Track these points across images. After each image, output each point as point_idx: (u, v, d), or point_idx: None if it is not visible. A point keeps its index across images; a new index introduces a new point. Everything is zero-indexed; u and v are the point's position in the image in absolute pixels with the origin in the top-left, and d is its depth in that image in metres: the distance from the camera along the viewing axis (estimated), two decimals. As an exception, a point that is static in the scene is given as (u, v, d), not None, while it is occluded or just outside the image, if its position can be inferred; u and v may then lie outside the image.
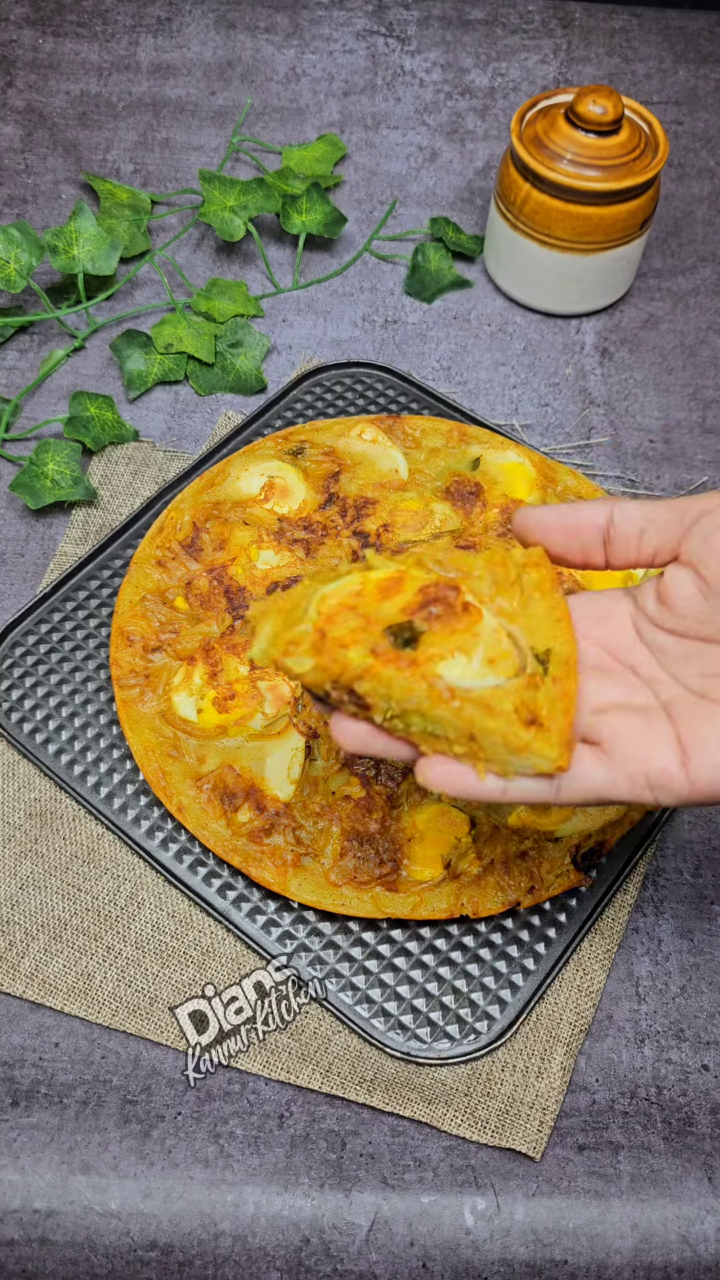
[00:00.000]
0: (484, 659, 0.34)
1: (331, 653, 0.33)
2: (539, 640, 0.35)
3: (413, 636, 0.34)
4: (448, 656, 0.33)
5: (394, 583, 0.35)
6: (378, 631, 0.34)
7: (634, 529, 0.36)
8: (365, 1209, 0.44)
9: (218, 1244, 0.43)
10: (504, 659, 0.34)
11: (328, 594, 0.35)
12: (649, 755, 0.33)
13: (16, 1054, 0.46)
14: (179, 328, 0.69)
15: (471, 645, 0.34)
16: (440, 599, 0.34)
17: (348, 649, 0.33)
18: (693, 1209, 0.44)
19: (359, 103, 0.83)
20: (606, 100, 0.64)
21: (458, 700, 0.33)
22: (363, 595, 0.35)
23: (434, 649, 0.33)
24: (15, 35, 0.83)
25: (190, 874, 0.50)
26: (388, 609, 0.34)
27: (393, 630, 0.34)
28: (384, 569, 0.36)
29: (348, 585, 0.35)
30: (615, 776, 0.34)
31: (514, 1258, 0.43)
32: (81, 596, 0.58)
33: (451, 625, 0.34)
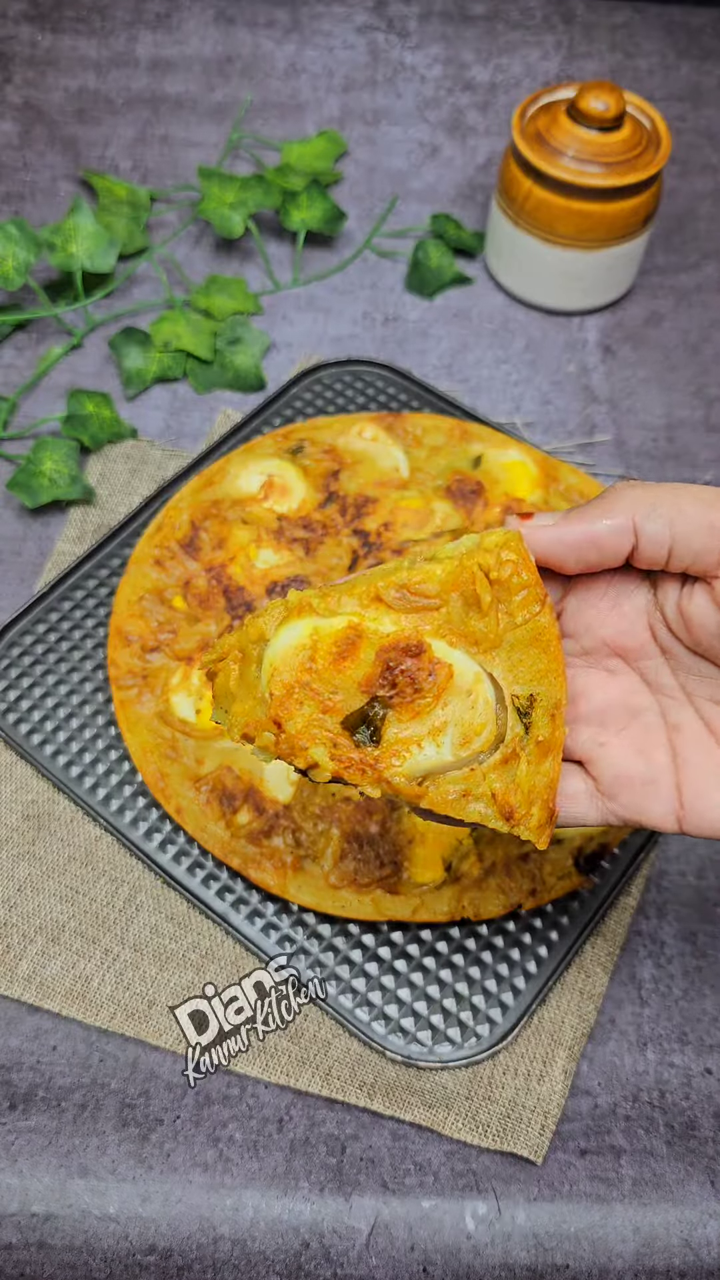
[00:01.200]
0: (456, 741, 0.31)
1: (293, 749, 0.31)
2: (525, 676, 0.32)
3: (376, 727, 0.31)
4: (414, 747, 0.31)
5: (348, 644, 0.31)
6: (335, 726, 0.31)
7: (660, 549, 0.31)
8: (365, 1213, 0.43)
9: (217, 1248, 0.43)
10: (477, 734, 0.31)
11: (277, 664, 0.32)
12: (648, 808, 0.32)
13: (14, 1057, 0.46)
14: (177, 325, 0.68)
15: (440, 725, 0.31)
16: (402, 670, 0.31)
17: (307, 749, 0.31)
18: (695, 1213, 0.44)
19: (359, 98, 0.82)
20: (609, 96, 0.64)
21: (429, 797, 0.31)
22: (316, 664, 0.31)
23: (400, 737, 0.31)
24: (13, 31, 0.83)
25: (189, 876, 0.49)
26: (345, 683, 0.31)
27: (351, 724, 0.31)
28: (334, 619, 0.32)
29: (298, 651, 0.32)
30: (608, 817, 0.33)
31: (515, 1262, 0.43)
32: (79, 596, 0.58)
33: (415, 706, 0.31)
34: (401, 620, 0.32)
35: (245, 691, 0.32)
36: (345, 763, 0.31)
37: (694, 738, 0.33)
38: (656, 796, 0.32)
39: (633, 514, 0.31)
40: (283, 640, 0.32)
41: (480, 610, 0.32)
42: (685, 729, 0.33)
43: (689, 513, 0.30)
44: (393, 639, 0.31)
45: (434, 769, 0.31)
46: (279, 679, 0.32)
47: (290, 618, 0.32)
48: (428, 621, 0.32)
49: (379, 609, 0.32)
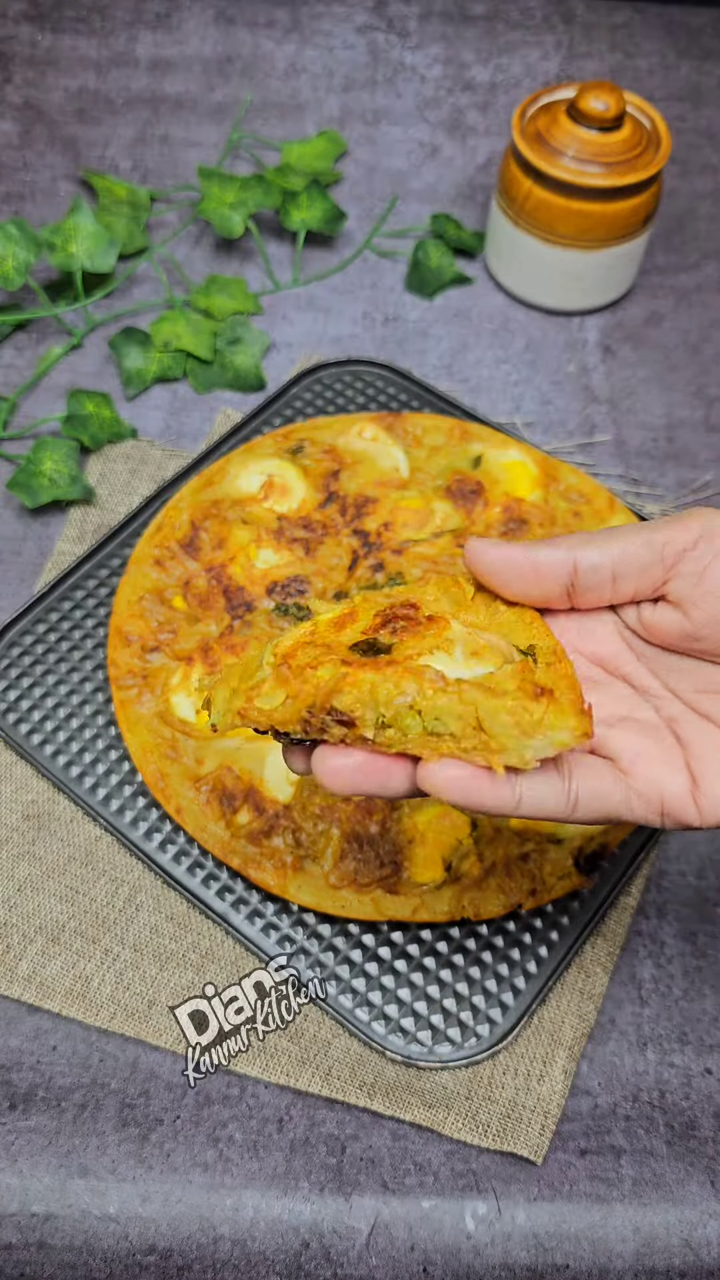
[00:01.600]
0: (466, 653, 0.31)
1: (300, 677, 0.30)
2: (517, 640, 0.33)
3: (383, 647, 0.31)
4: (428, 654, 0.31)
5: (347, 616, 0.33)
6: (343, 651, 0.31)
7: (604, 577, 0.32)
8: (365, 1213, 0.43)
9: (217, 1248, 0.43)
10: (487, 651, 0.31)
11: (281, 641, 0.33)
12: (665, 780, 0.32)
13: (14, 1057, 0.46)
14: (177, 325, 0.68)
15: (449, 645, 0.31)
16: (401, 615, 0.32)
17: (316, 669, 0.30)
18: (695, 1213, 0.44)
19: (359, 98, 0.82)
20: (609, 96, 0.64)
21: (455, 687, 0.30)
22: (317, 633, 0.32)
23: (410, 650, 0.31)
24: (13, 31, 0.83)
25: (189, 876, 0.49)
26: (347, 635, 0.32)
27: (359, 646, 0.31)
28: (332, 610, 0.34)
29: (299, 631, 0.33)
30: (631, 797, 0.32)
31: (515, 1262, 0.43)
32: (79, 596, 0.58)
33: (419, 633, 0.31)
34: None
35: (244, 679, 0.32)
36: (361, 663, 0.30)
37: (694, 726, 0.33)
38: (672, 773, 0.32)
39: (569, 548, 0.32)
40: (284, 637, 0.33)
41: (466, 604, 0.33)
42: (682, 720, 0.33)
43: (621, 535, 0.32)
44: (389, 601, 0.32)
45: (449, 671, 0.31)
46: (280, 646, 0.32)
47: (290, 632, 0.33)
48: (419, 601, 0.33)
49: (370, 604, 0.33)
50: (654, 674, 0.34)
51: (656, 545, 0.32)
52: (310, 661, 0.30)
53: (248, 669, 0.32)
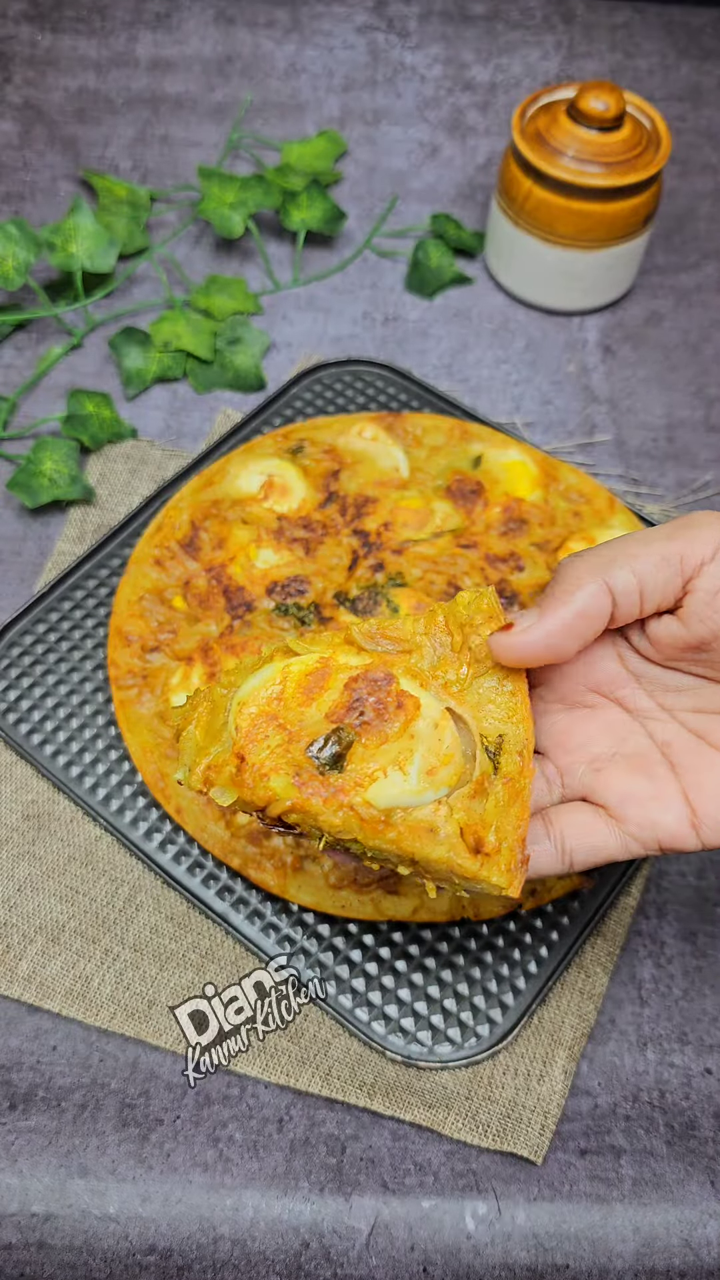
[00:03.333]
0: (422, 770, 0.30)
1: (254, 783, 0.30)
2: (490, 722, 0.31)
3: (340, 753, 0.30)
4: (379, 776, 0.30)
5: (318, 678, 0.31)
6: (300, 751, 0.30)
7: (633, 597, 0.31)
8: (365, 1213, 0.43)
9: (217, 1248, 0.43)
10: (445, 765, 0.30)
11: (245, 700, 0.32)
12: (659, 819, 0.32)
13: (14, 1057, 0.46)
14: (177, 325, 0.68)
15: (407, 756, 0.30)
16: (370, 696, 0.30)
17: (268, 778, 0.30)
18: (695, 1213, 0.44)
19: (359, 98, 0.82)
20: (609, 96, 0.64)
21: (394, 830, 0.30)
22: (284, 699, 0.31)
23: (365, 766, 0.30)
24: (13, 31, 0.83)
25: (189, 876, 0.49)
26: (312, 716, 0.31)
27: (317, 749, 0.30)
28: (306, 654, 0.32)
29: (267, 686, 0.32)
30: (627, 842, 0.32)
31: (515, 1262, 0.43)
32: (79, 596, 0.58)
33: (383, 731, 0.30)
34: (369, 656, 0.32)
35: (210, 739, 0.32)
36: (309, 790, 0.30)
37: (689, 749, 0.32)
38: (666, 807, 0.32)
39: (598, 576, 0.31)
40: (252, 681, 0.32)
41: (451, 650, 0.32)
42: (677, 743, 0.33)
43: (640, 554, 0.31)
44: (361, 669, 0.31)
45: (399, 800, 0.30)
46: (245, 712, 0.31)
47: (261, 664, 0.33)
48: (397, 663, 0.32)
49: (349, 650, 0.32)
50: (650, 694, 0.33)
51: (674, 559, 0.31)
52: (265, 763, 0.30)
53: (215, 716, 0.32)
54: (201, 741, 0.32)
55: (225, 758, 0.31)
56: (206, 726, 0.32)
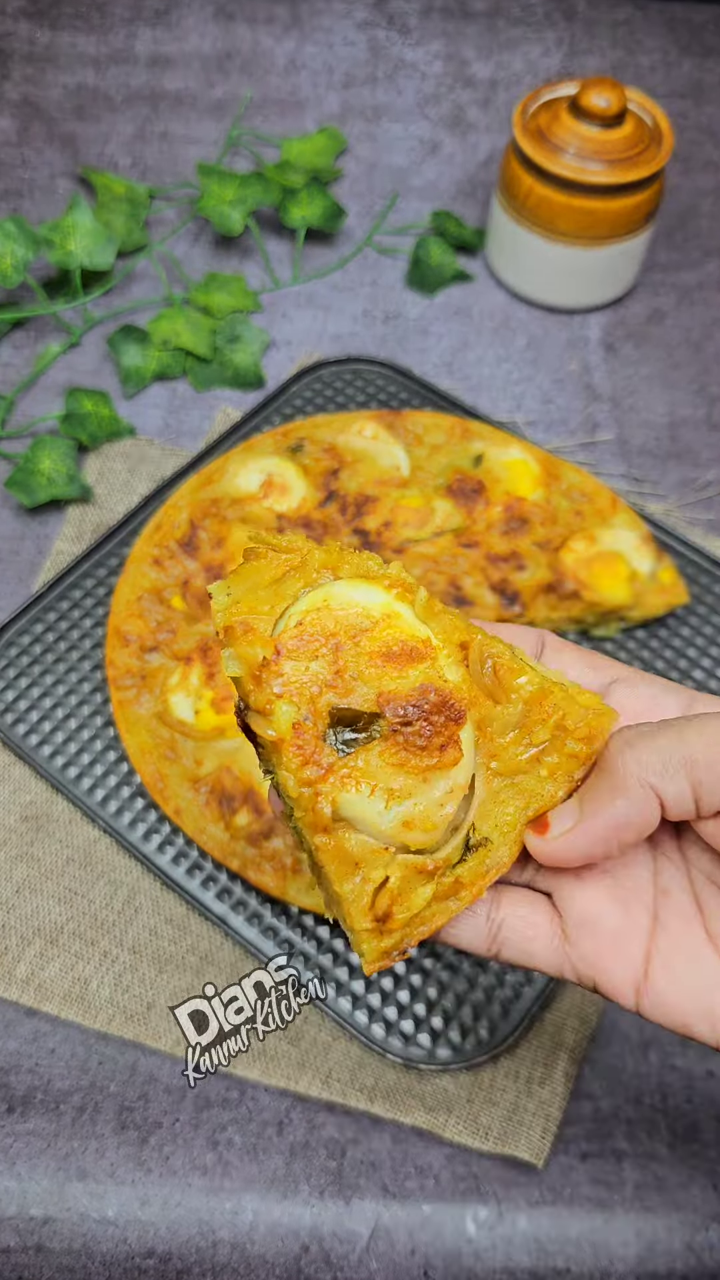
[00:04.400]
0: (402, 817, 0.27)
1: (264, 690, 0.27)
2: (490, 822, 0.28)
3: (354, 739, 0.27)
4: (364, 789, 0.27)
5: (407, 653, 0.27)
6: (328, 704, 0.27)
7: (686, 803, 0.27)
8: (366, 1217, 0.43)
9: (216, 1252, 0.43)
10: (424, 832, 0.27)
11: (330, 600, 0.27)
12: (608, 967, 0.28)
13: (12, 1060, 0.46)
14: (176, 323, 0.68)
15: (406, 793, 0.27)
16: (429, 720, 0.27)
17: (280, 699, 0.27)
18: (697, 1216, 0.44)
19: (359, 95, 0.82)
20: (610, 92, 0.63)
21: (328, 838, 0.27)
22: (364, 639, 0.27)
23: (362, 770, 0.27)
24: (12, 28, 0.82)
25: (188, 878, 0.49)
26: (368, 678, 0.27)
27: (339, 718, 0.27)
28: (414, 627, 0.28)
29: (363, 613, 0.27)
30: (564, 966, 0.29)
31: (516, 1266, 0.43)
32: (77, 596, 0.57)
33: (406, 759, 0.27)
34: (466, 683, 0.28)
35: (270, 596, 0.28)
36: (299, 742, 0.27)
37: (679, 909, 0.29)
38: (621, 956, 0.28)
39: (645, 780, 0.27)
40: (353, 590, 0.28)
41: (526, 737, 0.28)
42: (673, 896, 0.29)
43: (701, 760, 0.27)
44: (448, 689, 0.27)
45: (358, 818, 0.27)
46: (321, 615, 0.27)
47: (379, 582, 0.28)
48: (479, 704, 0.28)
49: (458, 656, 0.28)
50: (677, 834, 0.30)
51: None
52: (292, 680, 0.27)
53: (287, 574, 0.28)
54: (264, 583, 0.28)
55: (262, 633, 0.27)
56: (280, 581, 0.28)
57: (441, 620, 0.28)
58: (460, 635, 0.28)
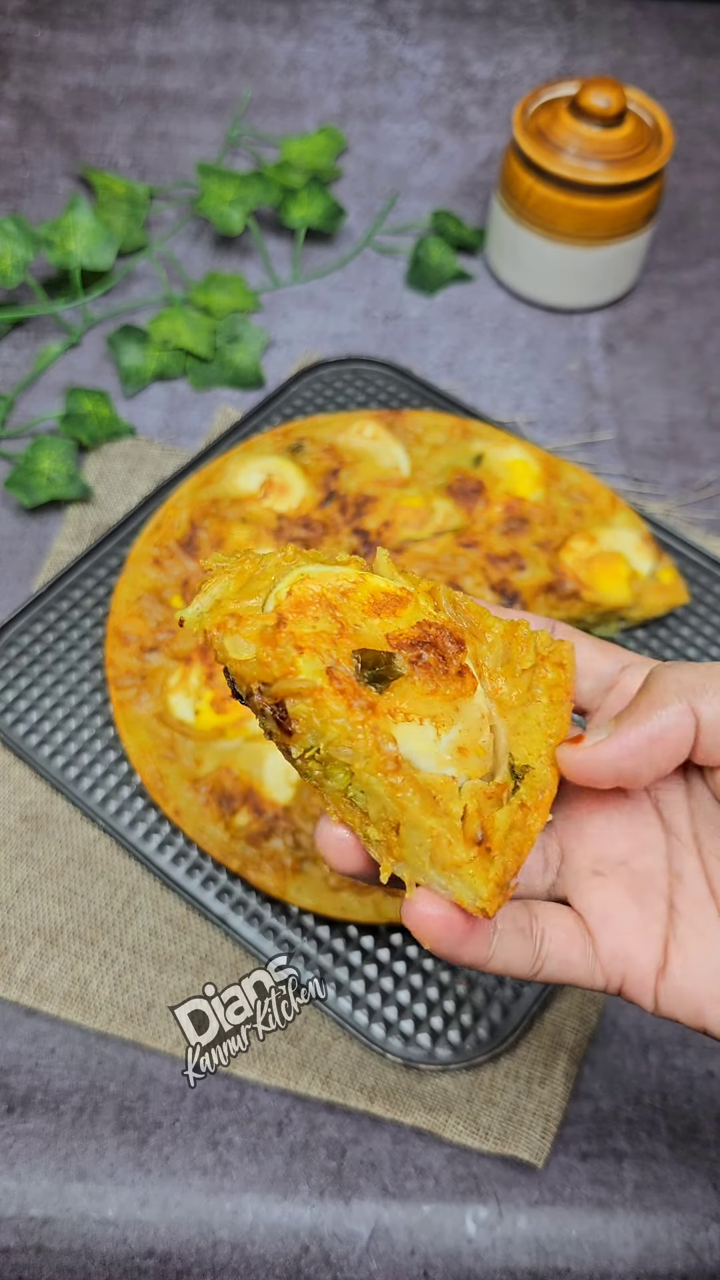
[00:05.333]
0: (454, 745, 0.27)
1: (281, 651, 0.26)
2: (522, 751, 0.28)
3: (384, 675, 0.27)
4: (414, 720, 0.26)
5: (393, 601, 0.28)
6: (347, 650, 0.27)
7: None
8: (366, 1217, 0.43)
9: (216, 1252, 0.43)
10: (477, 755, 0.27)
11: (310, 575, 0.28)
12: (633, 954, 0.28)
13: (12, 1060, 0.46)
14: (176, 322, 0.68)
15: (448, 720, 0.27)
16: (437, 646, 0.27)
17: (302, 654, 0.26)
18: (698, 1216, 0.44)
19: (359, 95, 0.82)
20: (610, 92, 0.63)
21: (402, 776, 0.26)
22: (350, 598, 0.28)
23: (403, 703, 0.27)
24: (11, 28, 0.82)
25: (187, 878, 0.49)
26: (371, 628, 0.27)
27: (364, 658, 0.27)
28: (388, 581, 0.29)
29: (338, 577, 0.28)
30: (595, 971, 0.29)
31: (516, 1266, 0.43)
32: (77, 596, 0.57)
33: (435, 684, 0.27)
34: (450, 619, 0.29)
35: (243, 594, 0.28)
36: (339, 685, 0.26)
37: (697, 899, 0.29)
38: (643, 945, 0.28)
39: (685, 699, 0.27)
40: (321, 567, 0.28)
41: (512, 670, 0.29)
42: (687, 881, 0.29)
43: None
44: (442, 620, 0.28)
45: (419, 756, 0.26)
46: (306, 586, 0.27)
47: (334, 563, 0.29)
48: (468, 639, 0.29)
49: (429, 601, 0.29)
50: (691, 816, 0.30)
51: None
52: (305, 638, 0.27)
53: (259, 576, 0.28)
54: (232, 591, 0.28)
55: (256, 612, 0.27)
56: (245, 581, 0.28)
57: (406, 574, 0.30)
58: (425, 585, 0.29)
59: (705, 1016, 0.28)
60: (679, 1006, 0.28)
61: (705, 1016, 0.28)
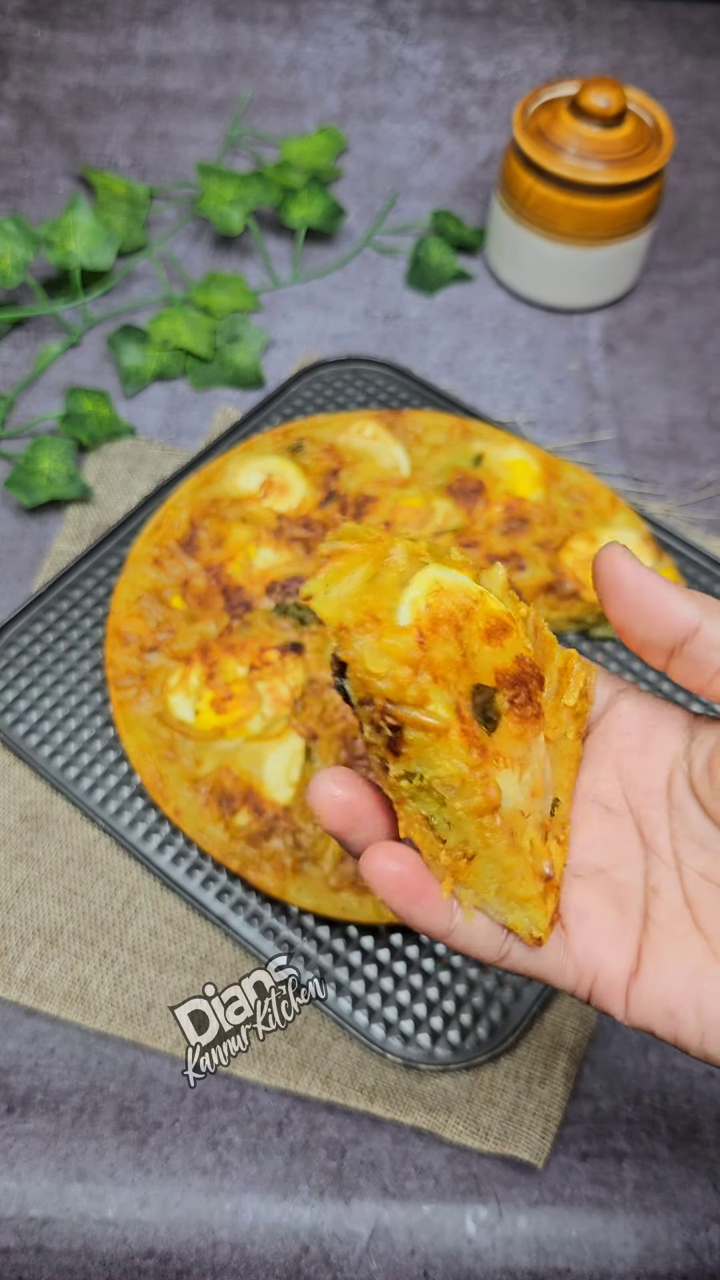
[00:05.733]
0: (530, 787, 0.28)
1: (421, 679, 0.26)
2: (557, 778, 0.29)
3: (493, 717, 0.27)
4: (512, 767, 0.27)
5: (500, 629, 0.28)
6: (467, 684, 0.27)
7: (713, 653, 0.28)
8: (366, 1217, 0.43)
9: (216, 1252, 0.43)
10: (539, 795, 0.28)
11: (443, 584, 0.27)
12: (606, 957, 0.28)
13: (11, 1060, 0.46)
14: (176, 322, 0.68)
15: (526, 762, 0.28)
16: (527, 686, 0.28)
17: (435, 685, 0.26)
18: (698, 1216, 0.44)
19: (359, 94, 0.82)
20: (610, 92, 0.63)
21: (495, 816, 0.27)
22: (471, 618, 0.27)
23: (504, 746, 0.27)
24: (11, 27, 0.82)
25: (187, 878, 0.49)
26: (485, 658, 0.27)
27: (481, 696, 0.27)
28: (498, 604, 0.28)
29: (465, 592, 0.27)
30: (566, 965, 0.29)
31: (516, 1266, 0.43)
32: (77, 596, 0.57)
33: (522, 727, 0.28)
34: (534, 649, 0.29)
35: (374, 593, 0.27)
36: (465, 727, 0.26)
37: (670, 907, 0.29)
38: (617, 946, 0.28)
39: (703, 607, 0.28)
40: (448, 574, 0.28)
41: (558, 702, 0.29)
42: (664, 895, 0.29)
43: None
44: (532, 657, 0.28)
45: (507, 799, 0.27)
46: (440, 600, 0.27)
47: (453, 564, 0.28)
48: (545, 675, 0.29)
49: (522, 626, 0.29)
50: (672, 835, 0.30)
51: None
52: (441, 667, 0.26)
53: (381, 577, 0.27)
54: (361, 586, 0.27)
55: (395, 621, 0.26)
56: (377, 569, 0.27)
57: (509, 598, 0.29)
58: (523, 614, 0.29)
59: (678, 1022, 0.28)
60: (652, 1012, 0.28)
61: (678, 1022, 0.28)
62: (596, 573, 0.29)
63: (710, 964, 0.28)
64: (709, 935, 0.28)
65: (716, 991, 0.27)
